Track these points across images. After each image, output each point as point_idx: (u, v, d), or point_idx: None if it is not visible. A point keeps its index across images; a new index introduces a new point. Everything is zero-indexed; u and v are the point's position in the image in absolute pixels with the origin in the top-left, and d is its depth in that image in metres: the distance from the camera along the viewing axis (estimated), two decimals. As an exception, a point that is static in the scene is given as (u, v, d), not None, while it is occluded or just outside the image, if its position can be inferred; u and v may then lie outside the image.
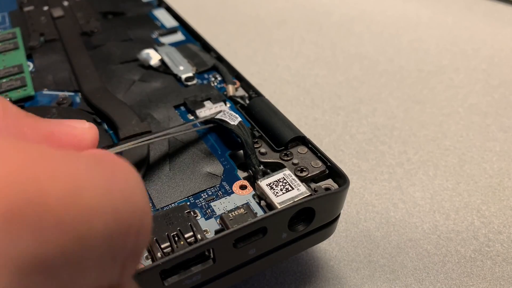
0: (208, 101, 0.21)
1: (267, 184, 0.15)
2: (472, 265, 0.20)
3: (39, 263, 0.07)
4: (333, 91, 0.31)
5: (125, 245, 0.08)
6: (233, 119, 0.18)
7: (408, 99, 0.30)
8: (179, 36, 0.27)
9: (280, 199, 0.15)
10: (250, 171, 0.17)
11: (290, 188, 0.15)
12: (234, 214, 0.15)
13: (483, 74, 0.33)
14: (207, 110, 0.20)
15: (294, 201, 0.15)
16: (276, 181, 0.16)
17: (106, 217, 0.08)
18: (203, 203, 0.16)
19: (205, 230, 0.15)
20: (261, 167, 0.17)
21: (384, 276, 0.20)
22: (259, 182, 0.16)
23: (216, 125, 0.19)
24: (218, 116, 0.19)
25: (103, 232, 0.08)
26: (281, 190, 0.15)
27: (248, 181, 0.17)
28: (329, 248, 0.21)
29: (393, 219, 0.22)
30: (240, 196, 0.16)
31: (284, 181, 0.16)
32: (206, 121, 0.19)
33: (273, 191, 0.15)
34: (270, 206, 0.15)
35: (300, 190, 0.15)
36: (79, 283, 0.08)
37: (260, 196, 0.16)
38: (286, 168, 0.16)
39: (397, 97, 0.31)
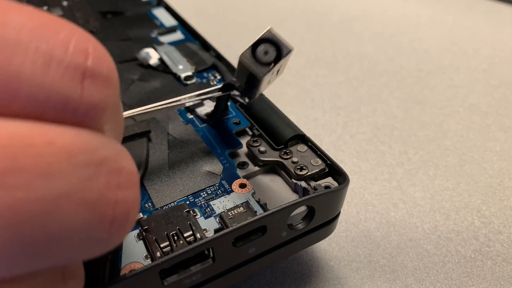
0: (208, 100, 0.21)
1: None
2: (472, 265, 0.20)
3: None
4: (333, 91, 0.31)
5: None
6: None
7: (408, 99, 0.30)
8: (178, 35, 0.27)
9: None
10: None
11: None
12: (233, 213, 0.15)
13: (484, 74, 0.33)
14: (208, 108, 0.20)
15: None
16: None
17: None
18: (202, 202, 0.16)
19: (205, 229, 0.15)
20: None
21: (384, 276, 0.20)
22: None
23: (215, 122, 0.19)
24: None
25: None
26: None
27: (248, 179, 0.17)
28: (329, 248, 0.21)
29: (393, 219, 0.22)
30: (240, 194, 0.16)
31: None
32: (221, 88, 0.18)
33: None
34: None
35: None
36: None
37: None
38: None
39: (397, 97, 0.31)
